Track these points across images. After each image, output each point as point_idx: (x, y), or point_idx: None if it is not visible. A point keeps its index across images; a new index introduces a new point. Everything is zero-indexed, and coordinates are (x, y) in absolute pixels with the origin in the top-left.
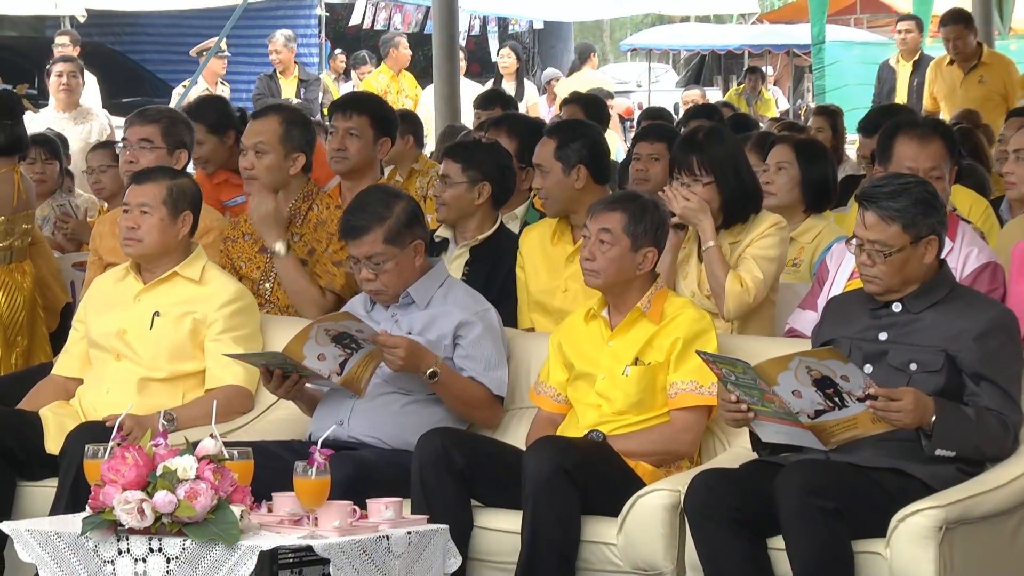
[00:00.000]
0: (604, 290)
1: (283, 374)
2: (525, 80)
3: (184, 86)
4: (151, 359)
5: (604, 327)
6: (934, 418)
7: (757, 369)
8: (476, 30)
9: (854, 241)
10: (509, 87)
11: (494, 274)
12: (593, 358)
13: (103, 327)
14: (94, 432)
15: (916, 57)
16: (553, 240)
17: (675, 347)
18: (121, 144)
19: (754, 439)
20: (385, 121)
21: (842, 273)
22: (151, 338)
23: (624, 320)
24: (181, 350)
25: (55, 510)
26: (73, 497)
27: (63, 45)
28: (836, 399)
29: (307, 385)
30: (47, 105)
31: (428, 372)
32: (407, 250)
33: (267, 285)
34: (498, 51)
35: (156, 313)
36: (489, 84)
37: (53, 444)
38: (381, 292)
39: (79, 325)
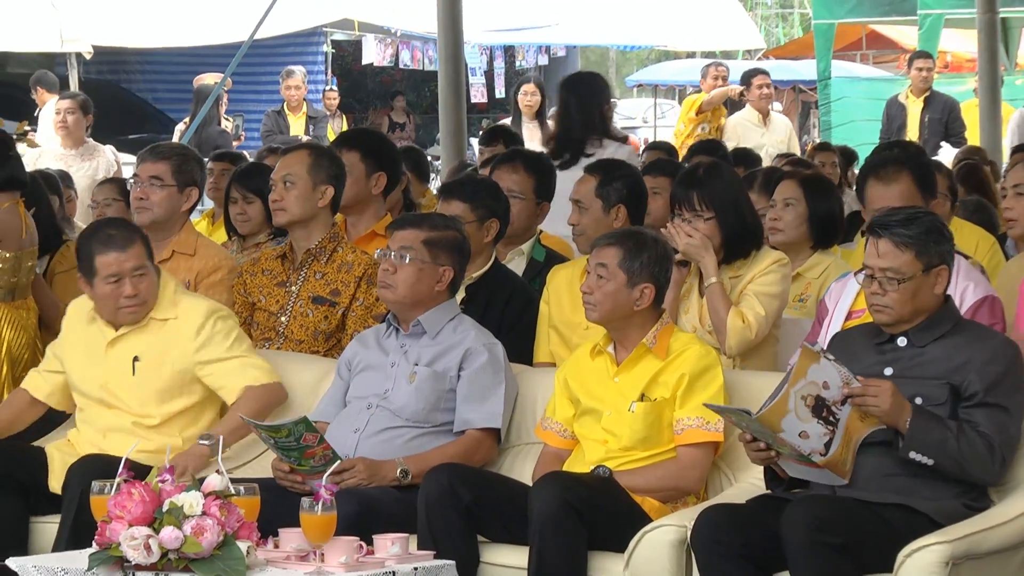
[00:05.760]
0: (604, 325)
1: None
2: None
3: (186, 123)
4: (140, 406)
5: (610, 363)
6: (909, 419)
7: (760, 420)
8: (485, 66)
9: (862, 273)
10: (531, 127)
11: (489, 310)
12: (599, 394)
13: (84, 377)
14: (96, 466)
15: (927, 93)
16: (582, 278)
17: (681, 383)
18: (132, 180)
19: (768, 476)
20: (378, 155)
21: (839, 312)
22: (136, 385)
23: (630, 356)
24: (168, 391)
25: (57, 546)
26: (75, 531)
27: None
28: (831, 418)
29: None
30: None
31: (399, 473)
32: (435, 267)
33: (283, 319)
34: (518, 86)
35: (136, 358)
36: (504, 122)
37: (57, 482)
38: (391, 289)
39: (54, 360)
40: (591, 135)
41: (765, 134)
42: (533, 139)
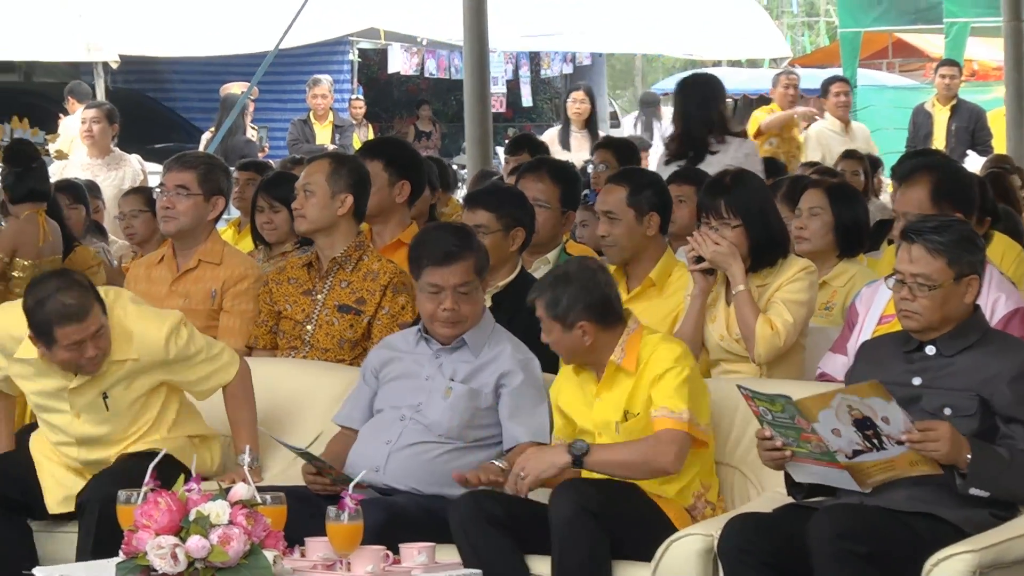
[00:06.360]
0: (578, 363)
1: (318, 471)
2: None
3: (212, 131)
4: (121, 430)
5: (591, 381)
6: (969, 456)
7: (799, 405)
8: (510, 75)
9: (892, 278)
10: (580, 137)
11: (516, 319)
12: (587, 413)
13: (49, 411)
14: (113, 479)
15: (954, 102)
16: None
17: (654, 384)
18: (158, 189)
19: (789, 482)
20: (401, 164)
21: (871, 317)
22: (111, 417)
23: (604, 376)
24: (144, 407)
25: (81, 556)
26: (97, 545)
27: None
28: (875, 440)
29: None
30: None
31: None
32: (482, 286)
33: (309, 328)
34: (568, 93)
35: (105, 395)
36: (552, 131)
37: (53, 500)
38: (461, 323)
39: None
40: (712, 133)
41: (847, 142)
42: (582, 150)
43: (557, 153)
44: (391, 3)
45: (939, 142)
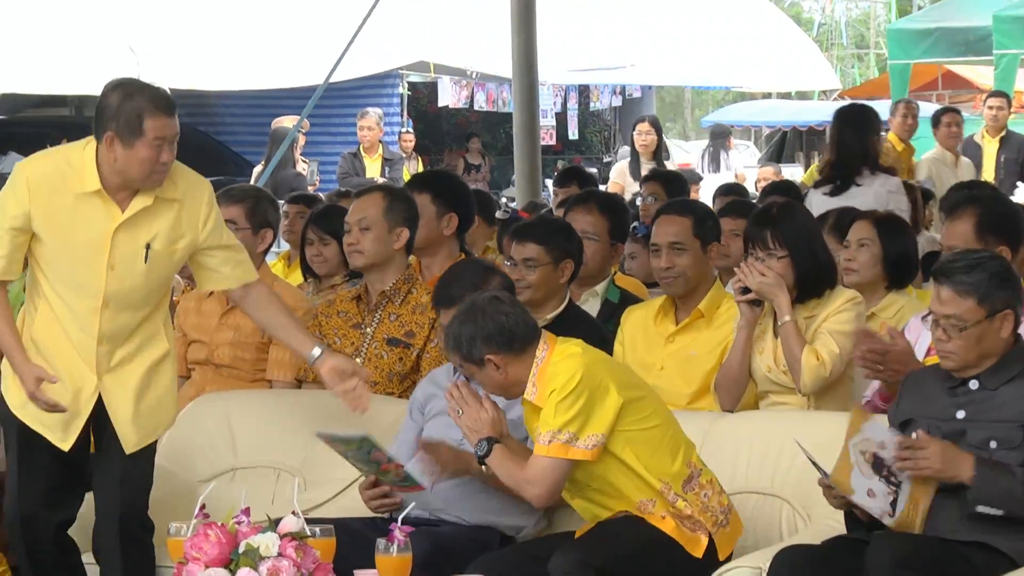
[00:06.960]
0: (507, 397)
1: (374, 482)
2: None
3: (262, 165)
4: (147, 293)
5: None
6: (973, 472)
7: (835, 482)
8: (559, 107)
9: (930, 317)
10: (649, 168)
11: None
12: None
13: (80, 265)
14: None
15: (1003, 133)
16: (656, 319)
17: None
18: None
19: (849, 519)
20: (449, 196)
21: (919, 348)
22: (145, 273)
23: (527, 411)
24: (170, 276)
25: None
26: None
27: None
28: (892, 479)
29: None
30: None
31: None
32: None
33: (358, 361)
34: (634, 125)
35: (148, 246)
36: (622, 163)
37: (58, 439)
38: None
39: (18, 223)
40: (865, 164)
41: (957, 175)
42: None
43: (630, 185)
44: (441, 36)
45: (988, 174)
